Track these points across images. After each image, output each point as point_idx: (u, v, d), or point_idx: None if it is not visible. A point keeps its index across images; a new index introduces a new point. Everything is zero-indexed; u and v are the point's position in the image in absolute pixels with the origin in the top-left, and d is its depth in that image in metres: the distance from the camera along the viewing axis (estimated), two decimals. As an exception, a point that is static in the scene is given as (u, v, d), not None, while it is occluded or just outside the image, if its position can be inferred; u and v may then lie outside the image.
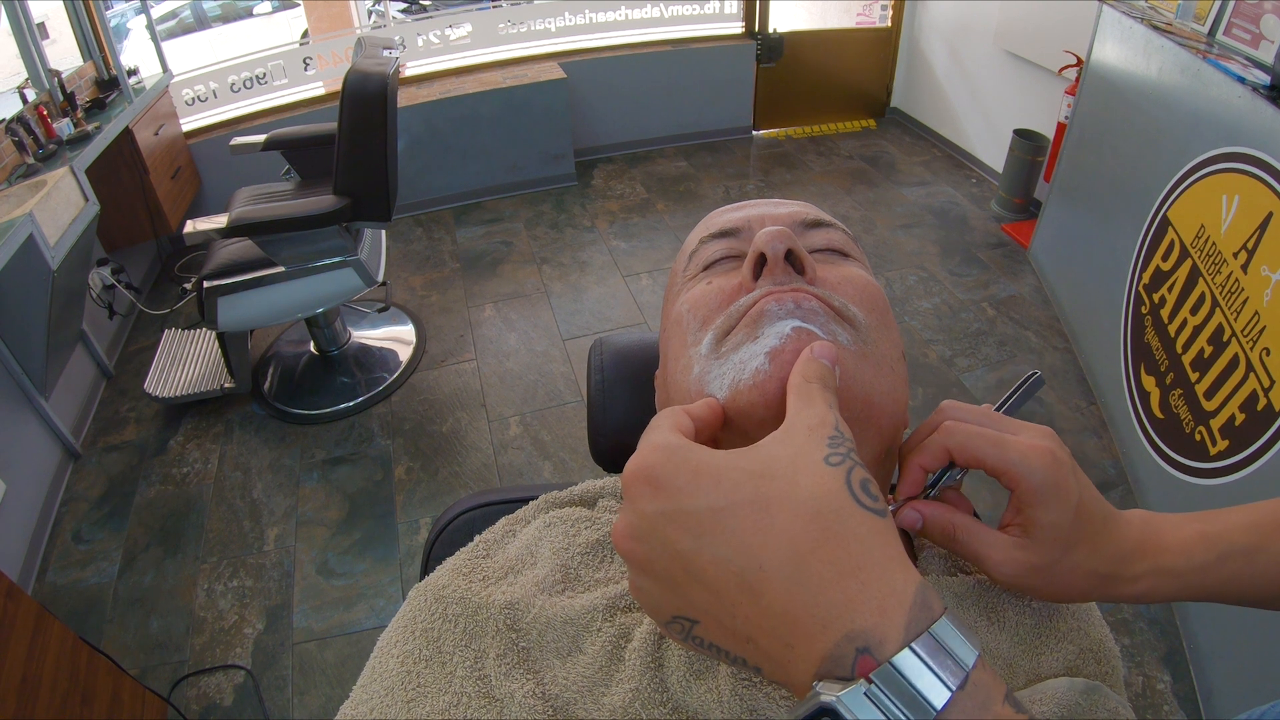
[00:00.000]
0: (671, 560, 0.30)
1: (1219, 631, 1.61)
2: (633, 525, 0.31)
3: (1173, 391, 1.86)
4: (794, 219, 0.53)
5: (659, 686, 0.40)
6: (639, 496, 0.31)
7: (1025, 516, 0.40)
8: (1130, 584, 0.42)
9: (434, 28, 3.72)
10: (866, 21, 4.32)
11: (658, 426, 0.36)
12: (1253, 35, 1.89)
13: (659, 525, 0.30)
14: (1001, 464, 0.40)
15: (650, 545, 0.30)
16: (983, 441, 0.40)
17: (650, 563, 0.31)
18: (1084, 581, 0.41)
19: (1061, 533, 0.40)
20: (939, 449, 0.42)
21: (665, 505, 0.30)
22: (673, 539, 0.29)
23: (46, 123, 2.32)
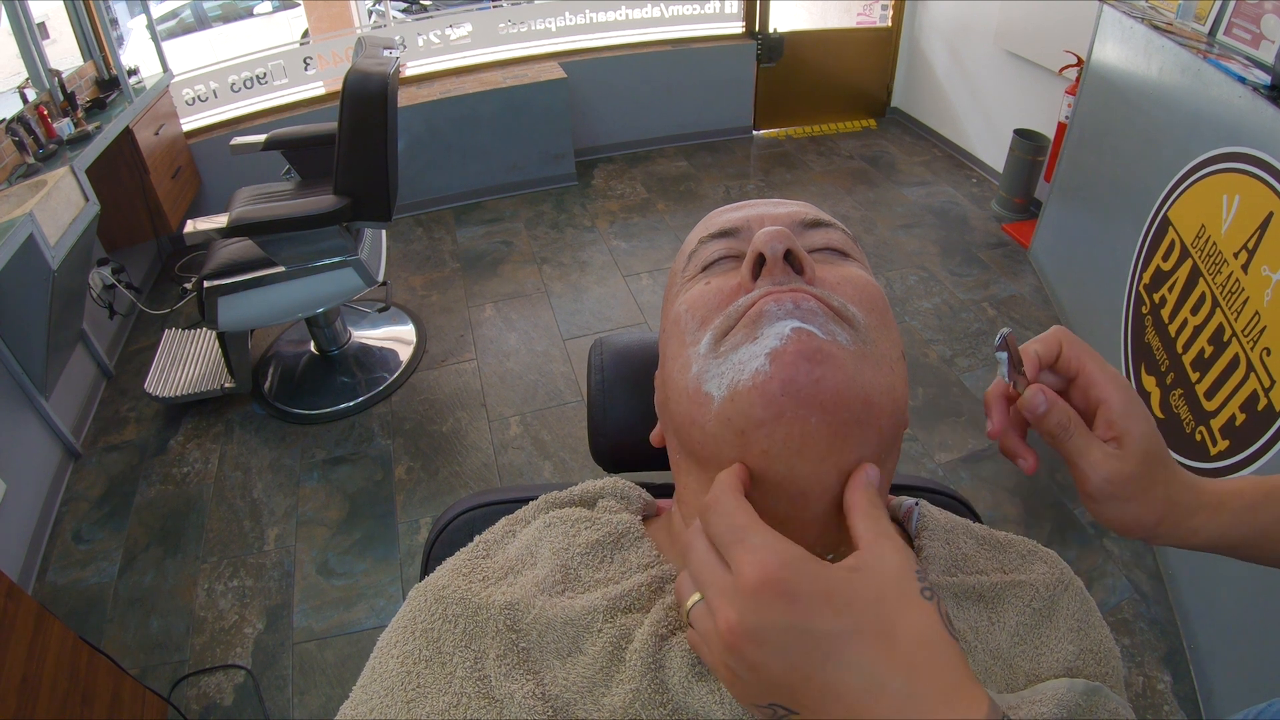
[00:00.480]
0: (790, 670, 0.32)
1: (1219, 632, 1.61)
2: (756, 631, 0.32)
3: (1173, 391, 1.86)
4: (793, 219, 0.53)
5: (659, 688, 0.40)
6: (769, 608, 0.32)
7: (1119, 428, 0.43)
8: (1189, 515, 0.45)
9: (434, 27, 3.72)
10: (867, 21, 4.32)
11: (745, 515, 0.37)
12: (1253, 35, 1.89)
13: (788, 639, 0.32)
14: (1098, 373, 0.44)
15: (771, 653, 0.32)
16: (1086, 349, 0.45)
17: (765, 666, 0.32)
18: (1162, 505, 0.44)
19: (1152, 446, 0.44)
20: (1052, 339, 0.46)
21: (796, 621, 0.32)
22: (798, 653, 0.32)
23: (47, 122, 2.32)
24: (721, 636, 0.33)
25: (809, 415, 0.40)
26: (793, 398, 0.40)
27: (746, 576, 0.33)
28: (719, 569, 0.35)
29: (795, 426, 0.40)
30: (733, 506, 0.37)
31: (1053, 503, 2.07)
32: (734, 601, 0.33)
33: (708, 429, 0.43)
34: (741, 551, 0.35)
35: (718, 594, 0.35)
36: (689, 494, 0.49)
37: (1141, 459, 0.43)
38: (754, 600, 0.33)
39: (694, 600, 0.37)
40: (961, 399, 2.42)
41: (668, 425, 0.52)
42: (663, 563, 0.47)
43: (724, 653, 0.34)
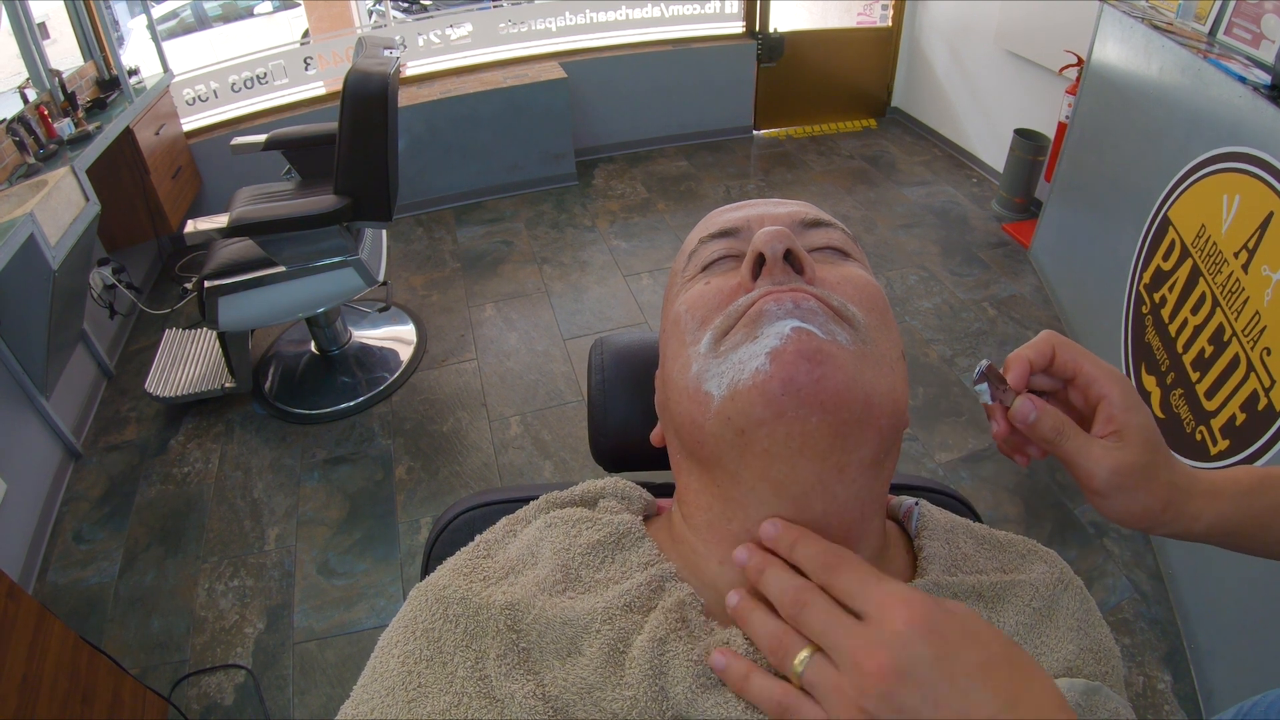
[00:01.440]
0: (937, 705, 0.33)
1: (1219, 631, 1.61)
2: (909, 669, 0.34)
3: (1173, 391, 1.86)
4: (793, 218, 0.53)
5: (659, 696, 0.40)
6: (919, 644, 0.34)
7: (1119, 421, 0.45)
8: (1190, 499, 0.46)
9: (434, 27, 3.72)
10: (867, 21, 4.32)
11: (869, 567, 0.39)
12: (1253, 35, 1.89)
13: (937, 673, 0.34)
14: (1096, 371, 0.45)
15: (920, 690, 0.33)
16: (1080, 350, 0.46)
17: (912, 705, 0.33)
18: (1166, 491, 0.45)
19: (1151, 435, 0.45)
20: (1045, 344, 0.47)
21: (944, 654, 0.34)
22: (945, 686, 0.33)
23: (47, 122, 2.32)
24: (871, 676, 0.34)
25: (809, 415, 0.40)
26: (793, 397, 0.40)
27: (894, 619, 0.35)
28: (851, 620, 0.37)
29: (796, 426, 0.40)
30: (856, 561, 0.39)
31: (1053, 502, 2.07)
32: (881, 642, 0.34)
33: (708, 428, 0.43)
34: (881, 593, 0.37)
35: (859, 639, 0.35)
36: (690, 494, 0.49)
37: (1144, 447, 0.44)
38: (903, 639, 0.34)
39: (803, 658, 0.37)
40: (962, 399, 2.42)
41: (668, 425, 0.52)
42: (663, 561, 0.47)
43: (873, 697, 0.34)
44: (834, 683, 0.35)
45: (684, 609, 0.43)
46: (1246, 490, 0.47)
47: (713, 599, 0.45)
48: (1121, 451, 0.44)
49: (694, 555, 0.47)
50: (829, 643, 0.36)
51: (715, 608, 0.45)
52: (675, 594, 0.44)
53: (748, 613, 0.41)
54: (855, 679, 0.34)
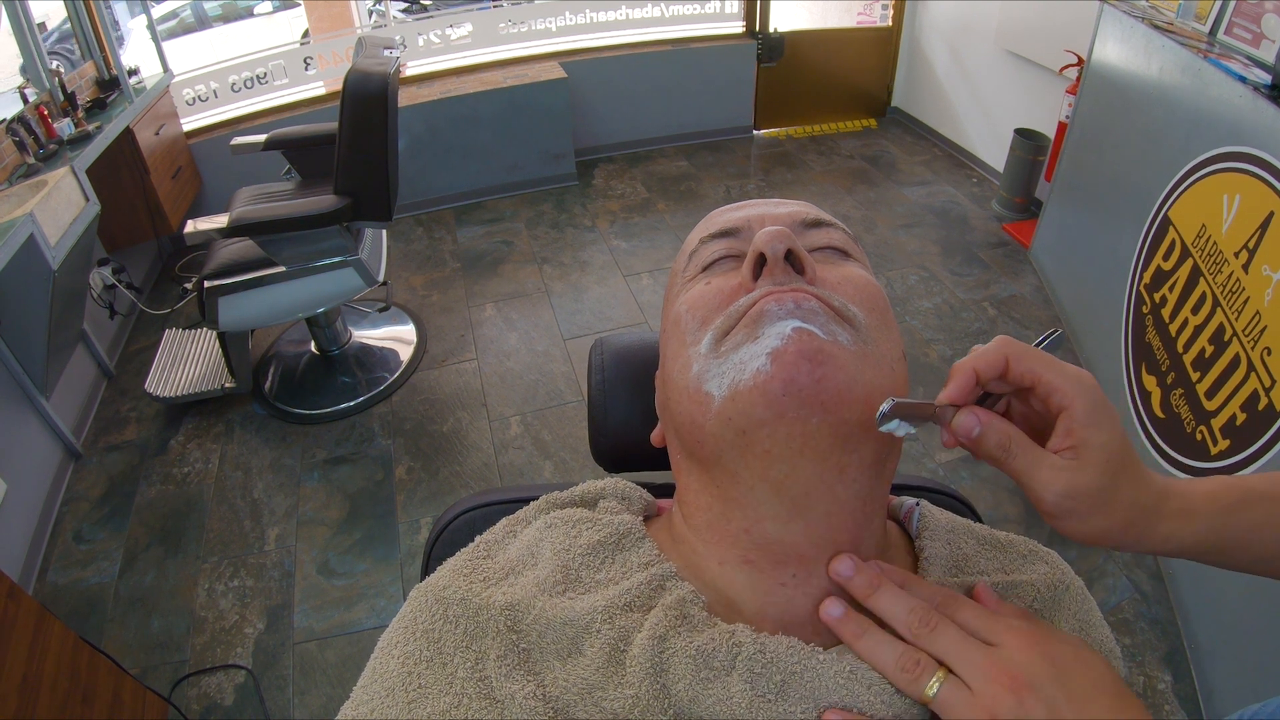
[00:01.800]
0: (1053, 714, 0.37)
1: (1220, 631, 1.61)
2: (1034, 684, 0.37)
3: (1174, 391, 1.85)
4: (794, 219, 0.53)
5: (660, 693, 0.40)
6: (1040, 665, 0.38)
7: (1077, 437, 0.40)
8: (1158, 522, 0.43)
9: (434, 27, 3.72)
10: (867, 21, 4.32)
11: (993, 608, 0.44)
12: (1253, 34, 1.89)
13: (1056, 690, 0.37)
14: (1057, 380, 0.41)
15: (1043, 702, 0.37)
16: (1040, 356, 0.41)
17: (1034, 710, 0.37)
18: (1126, 513, 0.42)
19: (1113, 454, 0.41)
20: (996, 356, 0.41)
21: (1060, 675, 0.38)
22: (1062, 701, 0.37)
23: (47, 123, 2.32)
24: (1005, 687, 0.37)
25: (810, 415, 0.40)
26: (794, 398, 0.40)
27: (1016, 642, 0.39)
28: (980, 643, 0.40)
29: (797, 426, 0.40)
30: (973, 602, 0.43)
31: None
32: (1011, 661, 0.38)
33: (709, 429, 0.43)
34: (1005, 627, 0.41)
35: (992, 659, 0.39)
36: (690, 494, 0.49)
37: (1102, 468, 0.40)
38: (1027, 657, 0.38)
39: (935, 683, 0.39)
40: (962, 399, 2.42)
41: (668, 425, 0.51)
42: (663, 561, 0.47)
43: (1005, 702, 0.37)
44: (967, 700, 0.38)
45: (684, 606, 0.43)
46: (1225, 509, 0.44)
47: (713, 598, 0.45)
48: (1075, 472, 0.40)
49: (694, 555, 0.47)
50: (963, 662, 0.39)
51: (716, 606, 0.45)
52: (676, 592, 0.44)
53: (865, 630, 0.42)
54: (989, 691, 0.38)
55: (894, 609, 0.42)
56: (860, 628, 0.42)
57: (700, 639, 0.41)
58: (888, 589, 0.42)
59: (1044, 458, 0.41)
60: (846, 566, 0.43)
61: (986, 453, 0.42)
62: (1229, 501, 0.44)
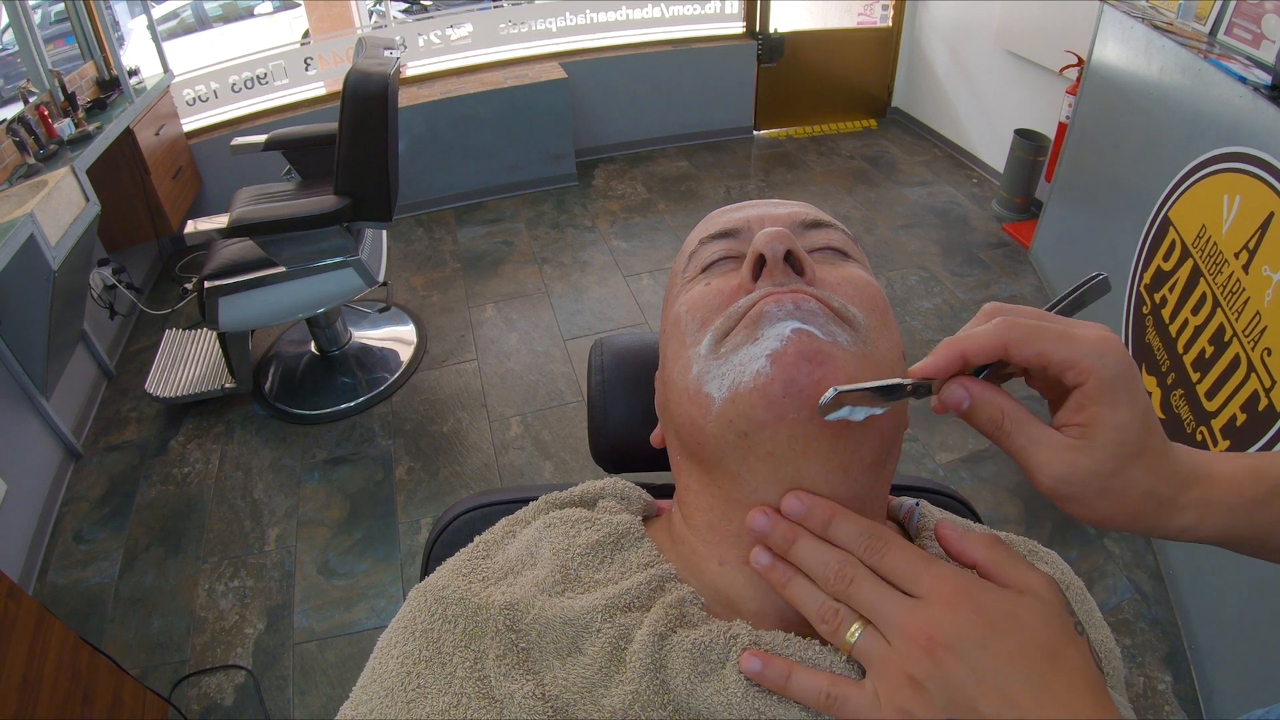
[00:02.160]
0: (978, 681, 0.34)
1: (1220, 632, 1.61)
2: (954, 641, 0.35)
3: (1174, 392, 1.85)
4: (794, 219, 0.53)
5: (660, 689, 0.40)
6: (965, 621, 0.35)
7: (1089, 414, 0.36)
8: (1178, 513, 0.39)
9: (435, 28, 3.72)
10: (867, 21, 4.32)
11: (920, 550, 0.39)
12: (1254, 35, 1.89)
13: (980, 650, 0.35)
14: (1070, 356, 0.36)
15: (964, 662, 0.34)
16: (1046, 334, 0.37)
17: (956, 676, 0.35)
18: (1137, 503, 0.38)
19: (1128, 437, 0.36)
20: (993, 342, 0.38)
21: (987, 633, 0.35)
22: (986, 664, 0.34)
23: (47, 123, 2.32)
24: (921, 647, 0.35)
25: (811, 416, 0.40)
26: (794, 399, 0.40)
27: (943, 595, 0.36)
28: (901, 595, 0.37)
29: (797, 428, 0.40)
30: (905, 543, 0.39)
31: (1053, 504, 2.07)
32: (931, 617, 0.36)
33: (709, 430, 0.43)
34: (930, 576, 0.37)
35: (910, 614, 0.36)
36: (690, 495, 0.49)
37: (1112, 451, 0.37)
38: (951, 614, 0.36)
39: (855, 631, 0.38)
40: (962, 399, 2.42)
41: (668, 426, 0.52)
42: (663, 562, 0.47)
43: (921, 663, 0.35)
44: (884, 654, 0.36)
45: (684, 605, 0.43)
46: (1251, 502, 0.39)
47: (713, 598, 0.45)
48: (1080, 454, 0.37)
49: (694, 556, 0.47)
50: (880, 616, 0.37)
51: (715, 606, 0.45)
52: (675, 592, 0.44)
53: (790, 577, 0.40)
54: (905, 649, 0.36)
55: (811, 561, 0.40)
56: (786, 575, 0.41)
57: (697, 634, 0.41)
58: (805, 540, 0.40)
59: (1045, 437, 0.38)
60: (760, 521, 0.41)
61: (978, 427, 0.40)
62: (1255, 494, 0.40)
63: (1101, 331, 0.38)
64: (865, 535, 0.39)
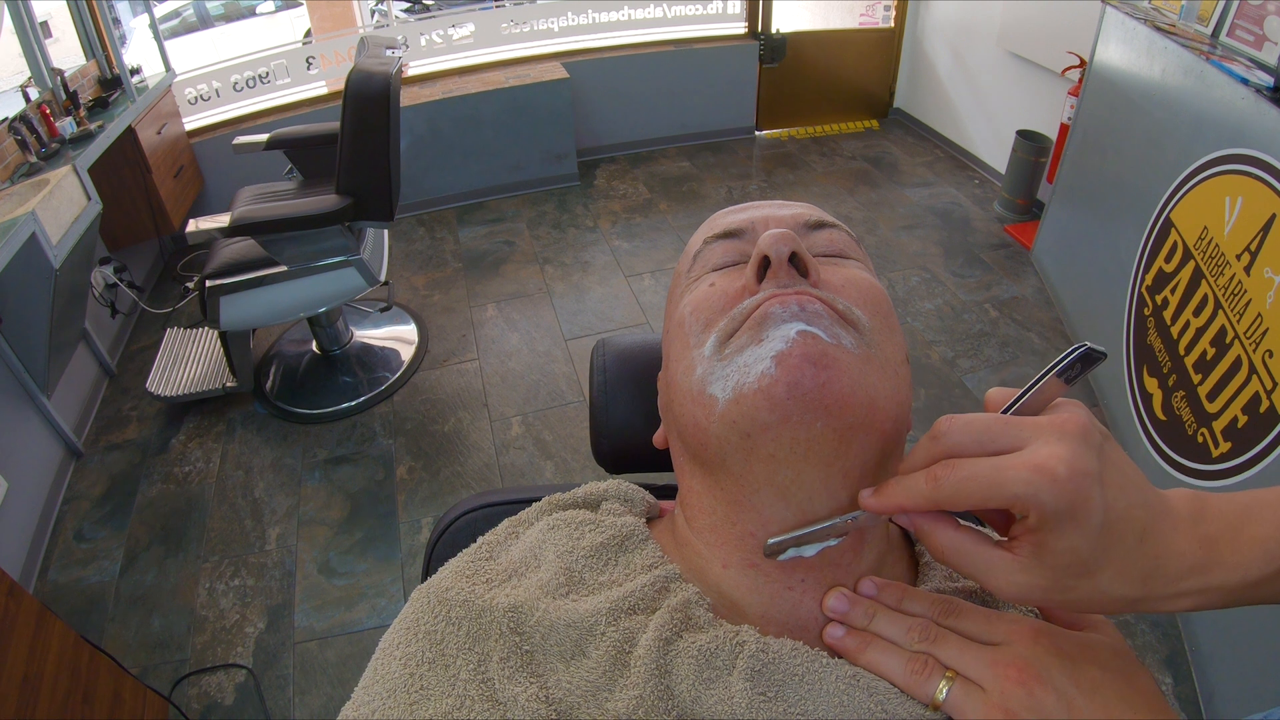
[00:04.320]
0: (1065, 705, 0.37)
1: (1221, 634, 1.61)
2: (1044, 671, 0.37)
3: (1175, 393, 1.85)
4: (797, 220, 0.53)
5: (664, 694, 0.40)
6: (1048, 655, 0.38)
7: (1037, 538, 0.35)
8: (1169, 602, 0.37)
9: (437, 27, 3.72)
10: (869, 22, 4.32)
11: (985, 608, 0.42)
12: (1256, 37, 1.89)
13: (1065, 680, 0.37)
14: (1005, 498, 0.34)
15: (1053, 693, 0.37)
16: (975, 484, 0.35)
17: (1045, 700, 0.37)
18: (1108, 606, 0.37)
19: (1080, 558, 0.35)
20: (927, 504, 0.37)
21: (1070, 666, 0.38)
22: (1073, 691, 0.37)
23: (49, 121, 2.32)
24: (1014, 680, 0.37)
25: (815, 419, 0.40)
26: (798, 401, 0.40)
27: (1023, 635, 0.39)
28: (979, 647, 0.39)
29: (801, 430, 0.40)
30: (974, 606, 0.42)
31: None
32: (1018, 655, 0.38)
33: (712, 431, 0.43)
34: (1007, 624, 0.40)
35: (997, 656, 0.38)
36: (693, 496, 0.48)
37: (1065, 572, 0.35)
38: (1035, 649, 0.38)
39: (943, 689, 0.39)
40: (963, 400, 2.42)
41: (671, 427, 0.51)
42: (667, 564, 0.47)
43: (1016, 694, 0.37)
44: (978, 698, 0.38)
45: (689, 608, 0.43)
46: (1254, 581, 0.37)
47: (717, 600, 0.45)
48: (1030, 574, 0.36)
49: (697, 558, 0.47)
50: (968, 666, 0.39)
51: (720, 608, 0.45)
52: (680, 594, 0.44)
53: (867, 643, 0.42)
54: (998, 687, 0.37)
55: (893, 631, 0.41)
56: (863, 642, 0.42)
57: (704, 638, 0.41)
58: (883, 614, 0.42)
59: (994, 561, 0.37)
60: (840, 602, 0.43)
61: (932, 555, 0.40)
62: (1262, 573, 0.37)
63: (1043, 448, 0.34)
64: (938, 603, 0.42)
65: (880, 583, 0.44)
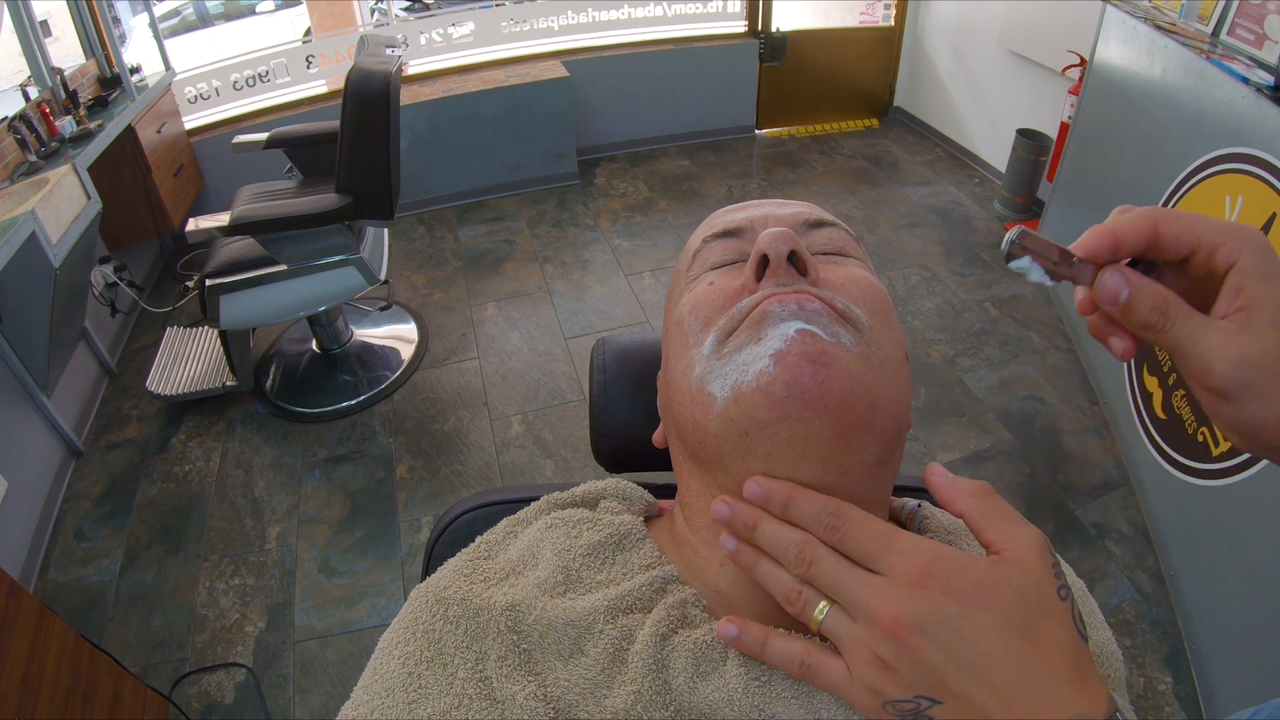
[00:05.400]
0: (947, 658, 0.34)
1: (1220, 633, 1.61)
2: (919, 621, 0.34)
3: (1175, 392, 1.85)
4: (797, 219, 0.53)
5: (662, 689, 0.40)
6: (931, 599, 0.35)
7: (1249, 295, 0.34)
8: None
9: (437, 26, 3.72)
10: (869, 21, 4.32)
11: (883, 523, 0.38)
12: (1256, 36, 1.89)
13: (948, 628, 0.34)
14: (1219, 235, 0.35)
15: (931, 642, 0.34)
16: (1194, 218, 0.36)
17: (924, 655, 0.34)
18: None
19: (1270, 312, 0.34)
20: (1144, 220, 0.36)
21: (955, 611, 0.34)
22: (956, 641, 0.34)
23: (49, 120, 2.32)
24: (884, 629, 0.35)
25: (813, 418, 0.40)
26: (797, 400, 0.40)
27: (907, 573, 0.35)
28: (864, 574, 0.37)
29: (799, 429, 0.40)
30: (865, 517, 0.38)
31: (1054, 503, 2.07)
32: (894, 598, 0.35)
33: (711, 430, 0.43)
34: (894, 554, 0.36)
35: (873, 594, 0.36)
36: (691, 495, 0.49)
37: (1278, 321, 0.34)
38: (916, 593, 0.35)
39: (823, 608, 0.38)
40: (963, 399, 2.42)
41: (670, 426, 0.51)
42: (665, 563, 0.47)
43: (887, 644, 0.35)
44: (851, 632, 0.36)
45: (685, 607, 0.44)
46: None
47: (714, 599, 0.45)
48: (1249, 337, 0.34)
49: (696, 557, 0.47)
50: (844, 596, 0.37)
51: (716, 608, 0.45)
52: (677, 594, 0.44)
53: (755, 560, 0.40)
54: (871, 631, 0.35)
55: (773, 543, 0.40)
56: (752, 558, 0.41)
57: (699, 633, 0.42)
58: (768, 523, 0.40)
59: (1210, 323, 0.35)
60: (721, 509, 0.42)
61: (1138, 320, 0.36)
62: None
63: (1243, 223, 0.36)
64: (824, 514, 0.39)
65: (766, 483, 0.40)
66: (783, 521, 0.40)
